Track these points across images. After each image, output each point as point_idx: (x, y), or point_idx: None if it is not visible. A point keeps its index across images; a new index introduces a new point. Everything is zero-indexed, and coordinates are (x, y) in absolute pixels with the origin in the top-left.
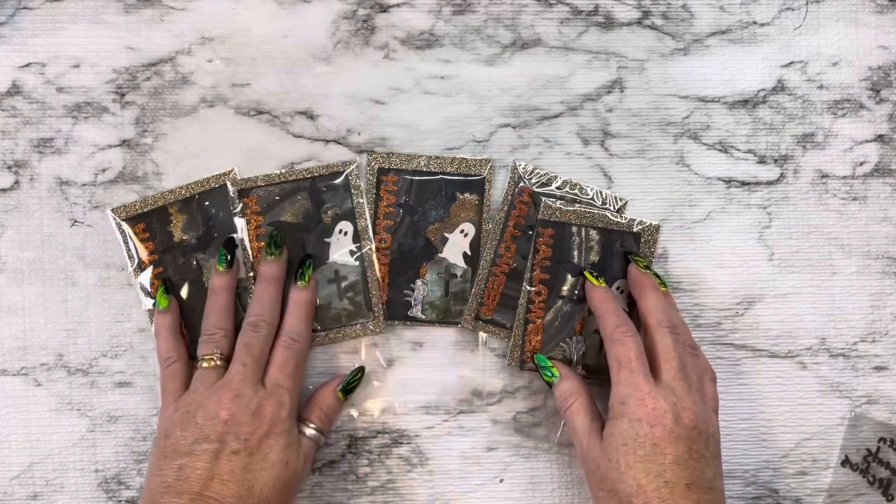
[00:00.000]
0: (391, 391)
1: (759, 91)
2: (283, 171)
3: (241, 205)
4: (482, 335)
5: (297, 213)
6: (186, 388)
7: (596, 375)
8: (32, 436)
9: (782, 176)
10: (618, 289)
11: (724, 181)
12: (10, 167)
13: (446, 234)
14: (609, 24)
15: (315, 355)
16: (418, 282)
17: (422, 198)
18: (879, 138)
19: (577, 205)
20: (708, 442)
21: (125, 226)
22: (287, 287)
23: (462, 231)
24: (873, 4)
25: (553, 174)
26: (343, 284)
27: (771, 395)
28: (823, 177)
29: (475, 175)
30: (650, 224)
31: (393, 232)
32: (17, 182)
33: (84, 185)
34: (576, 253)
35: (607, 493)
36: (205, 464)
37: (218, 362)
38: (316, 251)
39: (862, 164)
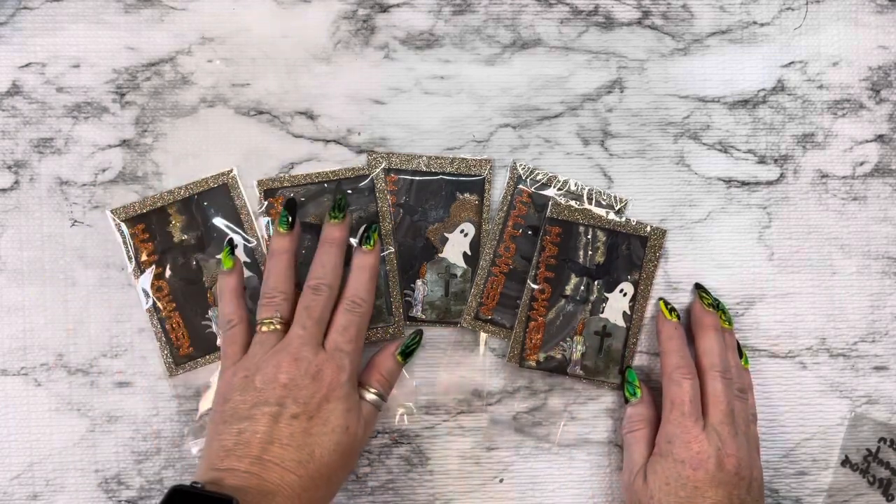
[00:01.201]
0: (391, 391)
1: (759, 91)
2: (309, 172)
3: (266, 203)
4: (482, 335)
5: (321, 215)
6: (246, 352)
7: (594, 377)
8: (32, 436)
9: (782, 176)
10: (621, 292)
11: (724, 181)
12: (10, 167)
13: (446, 234)
14: (609, 24)
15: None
16: (418, 282)
17: (422, 198)
18: (879, 138)
19: (585, 204)
20: (750, 487)
21: (124, 227)
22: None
23: (462, 231)
24: (873, 4)
25: (552, 174)
26: None
27: (771, 395)
28: (823, 177)
29: (475, 175)
30: (658, 228)
31: (393, 232)
32: (17, 182)
33: (84, 185)
34: (581, 253)
35: None
36: (265, 427)
37: (278, 326)
38: None
39: (862, 164)
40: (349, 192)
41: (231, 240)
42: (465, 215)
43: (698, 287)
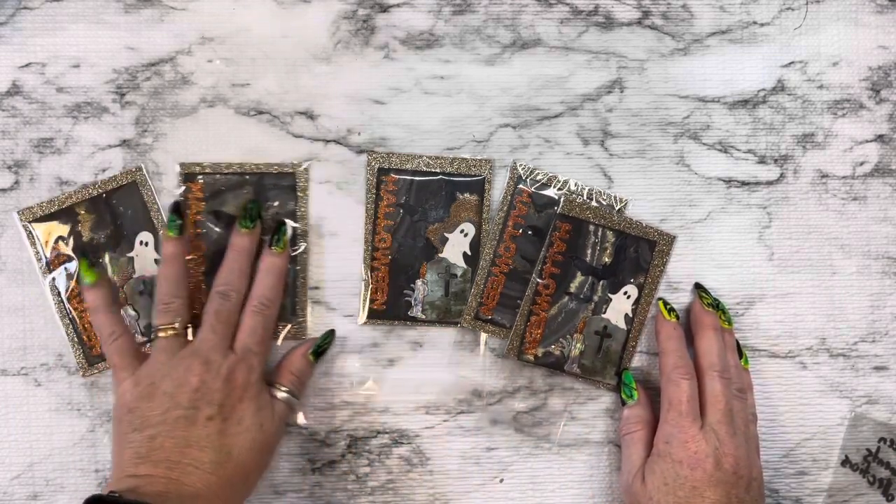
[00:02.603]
0: (391, 391)
1: (759, 91)
2: (232, 161)
3: (183, 188)
4: (483, 335)
5: (239, 207)
6: (138, 362)
7: (590, 376)
8: (32, 436)
9: (782, 176)
10: (625, 294)
11: (724, 181)
12: (10, 167)
13: (446, 234)
14: (609, 24)
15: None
16: (418, 282)
17: (422, 198)
18: (879, 138)
19: (595, 203)
20: (749, 486)
21: (32, 227)
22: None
23: (462, 231)
24: (873, 4)
25: (553, 174)
26: None
27: (771, 395)
28: (823, 177)
29: (475, 175)
30: (667, 234)
31: (393, 232)
32: (17, 182)
33: (84, 185)
34: (589, 252)
35: None
36: (180, 431)
37: (178, 330)
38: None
39: (862, 164)
40: (270, 185)
41: (86, 255)
42: (465, 215)
43: (698, 287)
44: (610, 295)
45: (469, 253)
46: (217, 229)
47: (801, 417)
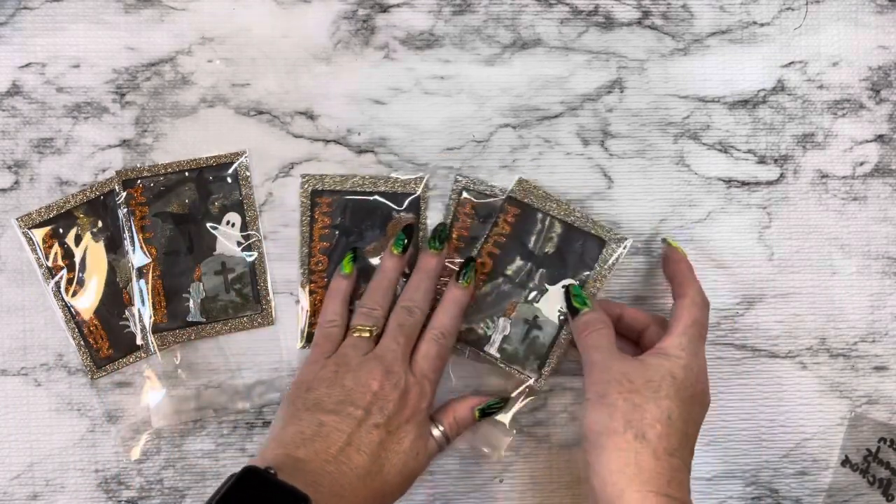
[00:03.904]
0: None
1: (759, 91)
2: (169, 161)
3: (124, 195)
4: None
5: (184, 204)
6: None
7: (508, 363)
8: (32, 436)
9: (782, 176)
10: (563, 287)
11: (724, 181)
12: (10, 167)
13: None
14: (609, 24)
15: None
16: (357, 303)
17: (358, 218)
18: (879, 138)
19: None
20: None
21: (32, 233)
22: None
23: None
24: (873, 4)
25: (496, 186)
26: (230, 276)
27: (771, 395)
28: (823, 177)
29: (410, 193)
30: (620, 237)
31: (329, 254)
32: (17, 182)
33: (84, 185)
34: (533, 239)
35: (631, 406)
36: (347, 427)
37: (372, 336)
38: (203, 242)
39: (862, 164)
40: (210, 178)
41: (356, 248)
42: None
43: (663, 240)
44: (547, 286)
45: (408, 271)
46: (166, 231)
47: (801, 417)
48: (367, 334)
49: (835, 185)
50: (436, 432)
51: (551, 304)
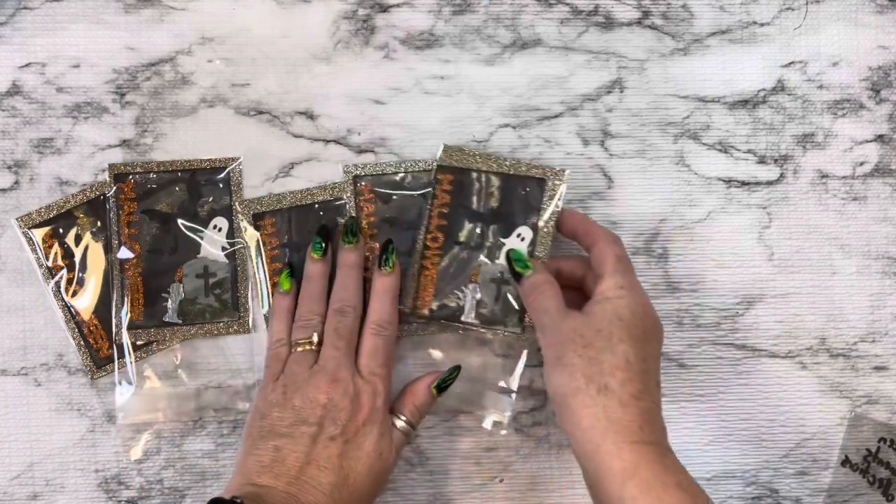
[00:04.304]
0: (392, 391)
1: (759, 91)
2: (163, 160)
3: (115, 188)
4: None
5: (173, 204)
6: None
7: (490, 325)
8: (32, 436)
9: (782, 176)
10: (519, 236)
11: (724, 181)
12: (10, 167)
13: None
14: (609, 24)
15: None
16: None
17: (304, 232)
18: (879, 138)
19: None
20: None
21: (32, 233)
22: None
23: None
24: (873, 4)
25: (385, 162)
26: (211, 281)
27: (771, 395)
28: (823, 177)
29: (339, 199)
30: (558, 170)
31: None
32: (17, 182)
33: (84, 184)
34: (475, 199)
35: (588, 360)
36: (303, 447)
37: (314, 346)
38: (188, 244)
39: (862, 164)
40: (202, 181)
41: (291, 263)
42: None
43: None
44: (502, 240)
45: None
46: (152, 229)
47: (801, 417)
48: (309, 346)
49: (835, 185)
50: (399, 423)
51: None
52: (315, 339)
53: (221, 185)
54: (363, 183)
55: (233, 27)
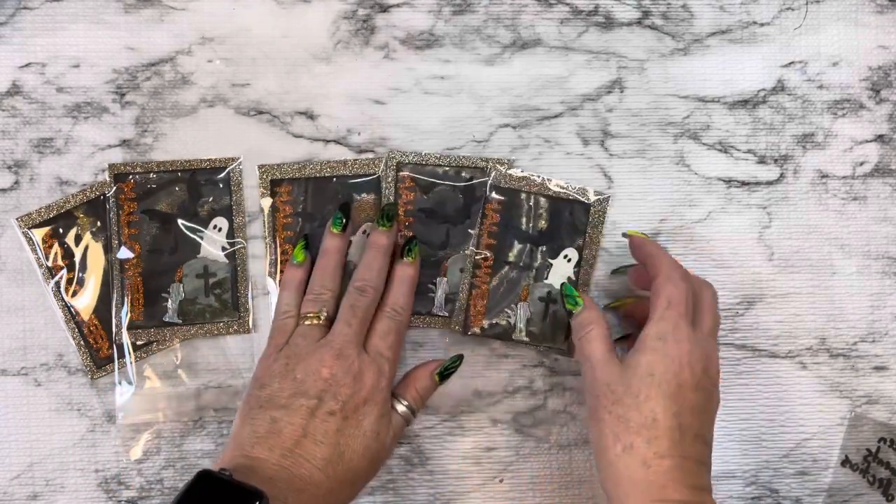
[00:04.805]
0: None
1: (759, 91)
2: (163, 160)
3: (115, 188)
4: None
5: (173, 204)
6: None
7: (539, 343)
8: (32, 436)
9: (782, 176)
10: (565, 258)
11: (724, 181)
12: (10, 167)
13: (349, 237)
14: (609, 24)
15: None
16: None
17: (319, 204)
18: (879, 138)
19: (526, 173)
20: (718, 402)
21: (32, 233)
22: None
23: (364, 231)
24: (873, 4)
25: (428, 154)
26: (211, 281)
27: (771, 395)
28: (823, 177)
29: (369, 174)
30: (601, 197)
31: (294, 242)
32: (17, 182)
33: (84, 184)
34: (524, 220)
35: (616, 418)
36: (300, 420)
37: (322, 321)
38: (187, 244)
39: (862, 164)
40: (202, 181)
41: (307, 235)
42: (365, 216)
43: (624, 234)
44: (550, 260)
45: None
46: (152, 229)
47: (801, 417)
48: (317, 321)
49: (835, 185)
50: (400, 407)
51: (559, 276)
52: (324, 314)
53: (221, 185)
54: (405, 171)
55: (233, 27)
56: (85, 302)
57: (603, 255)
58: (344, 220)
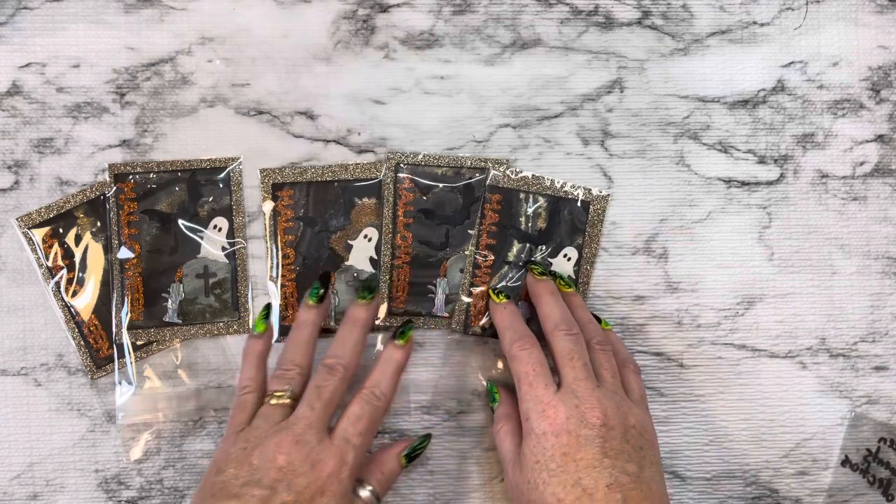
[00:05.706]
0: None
1: (759, 91)
2: (163, 160)
3: (115, 188)
4: (378, 335)
5: (173, 204)
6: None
7: (541, 340)
8: (32, 436)
9: (782, 176)
10: (565, 257)
11: (724, 181)
12: (10, 167)
13: (350, 242)
14: (609, 24)
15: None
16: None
17: (320, 208)
18: (879, 138)
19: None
20: (627, 435)
21: (32, 233)
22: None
23: (366, 236)
24: (873, 4)
25: (427, 154)
26: (211, 281)
27: (771, 395)
28: (823, 177)
29: (371, 178)
30: (600, 195)
31: (295, 246)
32: (17, 182)
33: (84, 184)
34: (523, 219)
35: None
36: None
37: (287, 401)
38: (187, 244)
39: (862, 164)
40: (202, 181)
41: (269, 305)
42: (367, 220)
43: (527, 263)
44: (550, 259)
45: (375, 257)
46: (152, 229)
47: (801, 417)
48: (283, 400)
49: (835, 185)
50: (364, 493)
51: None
52: (289, 392)
53: (221, 185)
54: (404, 172)
55: (233, 27)
56: (85, 302)
57: (602, 254)
58: (321, 292)
